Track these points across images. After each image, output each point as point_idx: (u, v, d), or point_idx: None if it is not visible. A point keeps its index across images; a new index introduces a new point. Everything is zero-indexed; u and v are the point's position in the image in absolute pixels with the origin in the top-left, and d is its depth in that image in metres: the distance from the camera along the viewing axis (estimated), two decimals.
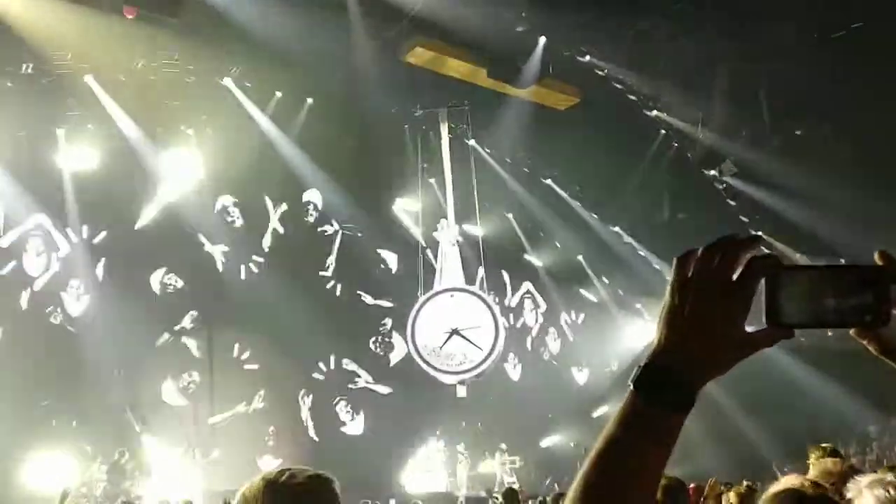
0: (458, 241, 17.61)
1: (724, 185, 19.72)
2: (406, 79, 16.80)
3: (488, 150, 19.93)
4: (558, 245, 22.72)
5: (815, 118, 16.98)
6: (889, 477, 2.49)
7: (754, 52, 14.85)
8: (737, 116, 17.06)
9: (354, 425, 20.06)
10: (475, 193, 17.54)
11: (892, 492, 2.27)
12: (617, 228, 21.76)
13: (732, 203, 20.10)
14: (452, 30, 15.49)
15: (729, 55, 15.41)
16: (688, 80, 16.32)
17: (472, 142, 18.78)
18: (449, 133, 17.31)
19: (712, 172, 19.53)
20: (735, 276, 1.04)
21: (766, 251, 1.08)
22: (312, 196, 20.24)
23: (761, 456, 18.56)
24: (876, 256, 1.09)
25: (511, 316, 22.26)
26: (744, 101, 16.27)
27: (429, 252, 17.84)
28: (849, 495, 2.34)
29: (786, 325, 1.06)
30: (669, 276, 1.09)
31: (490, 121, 18.28)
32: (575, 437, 20.35)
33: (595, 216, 21.65)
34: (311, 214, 20.42)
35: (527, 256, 22.91)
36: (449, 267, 17.16)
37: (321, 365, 19.72)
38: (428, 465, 19.76)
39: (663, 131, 19.12)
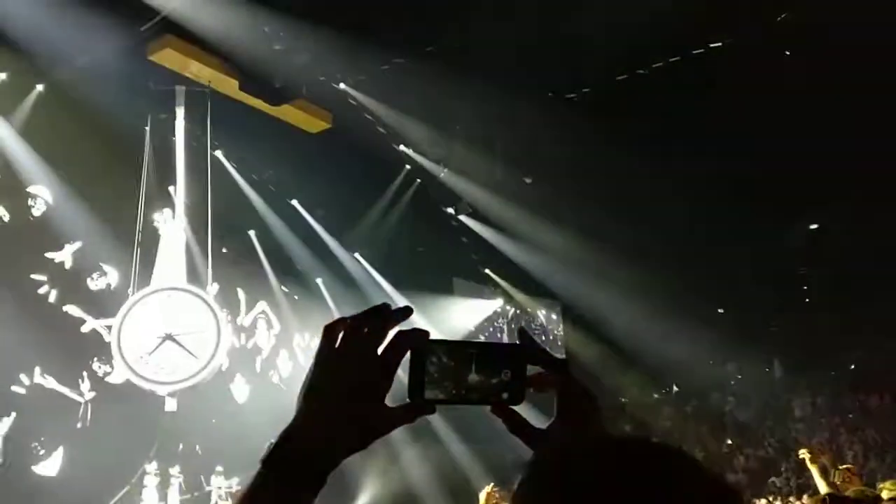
0: (183, 235, 15.95)
1: (459, 223, 20.64)
2: (151, 77, 15.89)
3: (233, 164, 19.26)
4: (298, 267, 22.31)
5: (543, 170, 18.33)
6: None
7: (493, 104, 15.74)
8: (474, 160, 17.99)
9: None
10: (209, 200, 16.33)
11: None
12: (357, 255, 21.85)
13: (465, 240, 21.09)
14: (207, 37, 14.90)
15: (471, 102, 16.20)
16: (433, 120, 16.96)
17: (216, 152, 17.90)
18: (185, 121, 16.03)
19: (449, 210, 20.39)
20: (381, 349, 1.03)
21: (416, 327, 1.08)
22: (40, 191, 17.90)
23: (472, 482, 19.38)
24: (516, 335, 1.14)
25: (243, 335, 21.47)
26: (482, 147, 17.20)
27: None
28: None
29: (428, 400, 1.08)
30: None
31: (237, 133, 17.70)
32: None
33: (337, 242, 21.65)
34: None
35: (265, 275, 22.28)
36: (168, 263, 15.23)
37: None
38: (137, 490, 18.33)
39: (408, 166, 19.68)
